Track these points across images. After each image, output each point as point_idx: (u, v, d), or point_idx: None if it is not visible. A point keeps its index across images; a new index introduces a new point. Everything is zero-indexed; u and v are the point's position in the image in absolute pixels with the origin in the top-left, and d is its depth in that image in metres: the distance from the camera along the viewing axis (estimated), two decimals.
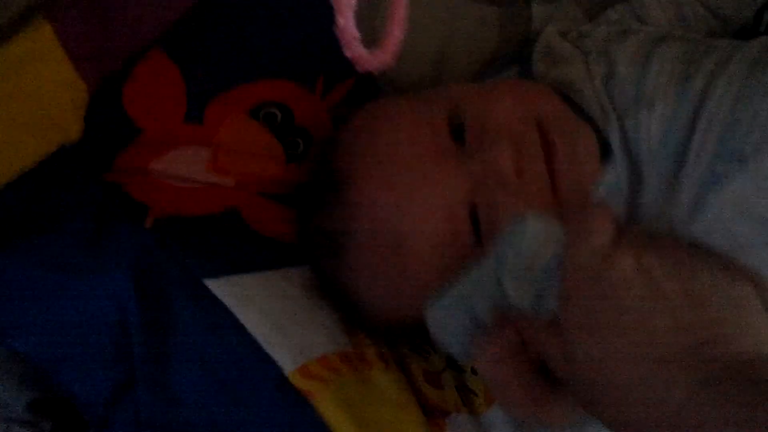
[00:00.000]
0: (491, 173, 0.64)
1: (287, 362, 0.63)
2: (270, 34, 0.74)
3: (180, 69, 0.72)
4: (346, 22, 0.39)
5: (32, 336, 0.63)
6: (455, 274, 0.60)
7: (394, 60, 0.42)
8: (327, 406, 0.62)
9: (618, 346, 0.45)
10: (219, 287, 0.66)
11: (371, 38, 0.44)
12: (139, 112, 0.72)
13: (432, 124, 0.66)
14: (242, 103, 0.74)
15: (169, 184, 0.72)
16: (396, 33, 0.44)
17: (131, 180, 0.71)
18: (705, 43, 0.69)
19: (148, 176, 0.72)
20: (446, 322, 0.55)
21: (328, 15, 0.73)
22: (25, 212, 0.67)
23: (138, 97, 0.72)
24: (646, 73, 0.67)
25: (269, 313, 0.67)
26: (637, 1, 0.79)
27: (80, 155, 0.70)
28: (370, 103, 0.73)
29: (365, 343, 0.70)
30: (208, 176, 0.73)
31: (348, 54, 0.40)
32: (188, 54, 0.72)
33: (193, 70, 0.72)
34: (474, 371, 0.71)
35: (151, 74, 0.72)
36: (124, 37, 0.71)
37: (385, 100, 0.74)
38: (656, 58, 0.68)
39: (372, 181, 0.66)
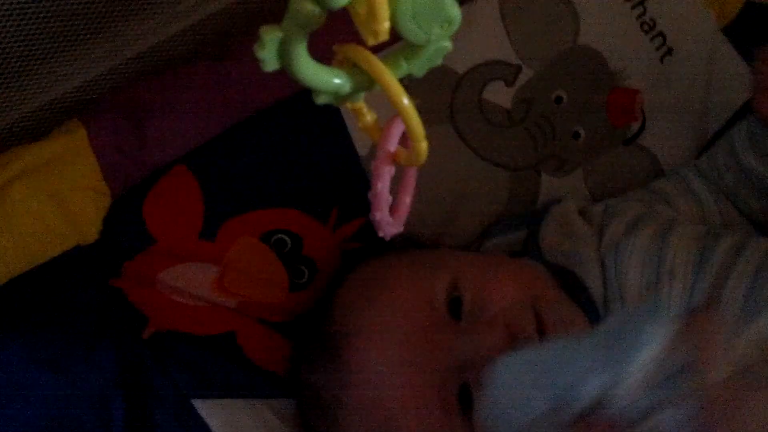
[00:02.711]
0: (484, 355, 0.65)
1: None
2: (290, 164, 0.77)
3: (201, 187, 0.75)
4: (383, 187, 0.42)
5: (15, 430, 0.63)
6: None
7: (403, 227, 0.45)
8: None
9: None
10: (206, 408, 0.68)
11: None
12: (156, 222, 0.74)
13: (430, 297, 0.68)
14: (255, 227, 0.77)
15: (172, 299, 0.73)
16: (407, 202, 0.46)
17: (136, 288, 0.73)
18: (718, 228, 0.73)
19: (154, 287, 0.74)
20: (514, 394, 0.48)
21: (348, 155, 0.77)
22: (30, 306, 0.68)
23: (157, 208, 0.74)
24: (665, 255, 0.70)
25: None
26: (659, 190, 0.83)
27: (93, 257, 0.72)
28: (377, 261, 0.75)
29: None
30: (211, 295, 0.75)
31: (377, 217, 0.43)
32: (211, 174, 0.76)
33: (214, 190, 0.75)
34: None
35: (172, 188, 0.75)
36: (153, 150, 0.74)
37: (389, 257, 0.76)
38: (672, 242, 0.71)
39: (366, 349, 0.67)
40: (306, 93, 0.76)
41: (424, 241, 0.81)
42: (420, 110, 0.73)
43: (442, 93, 0.81)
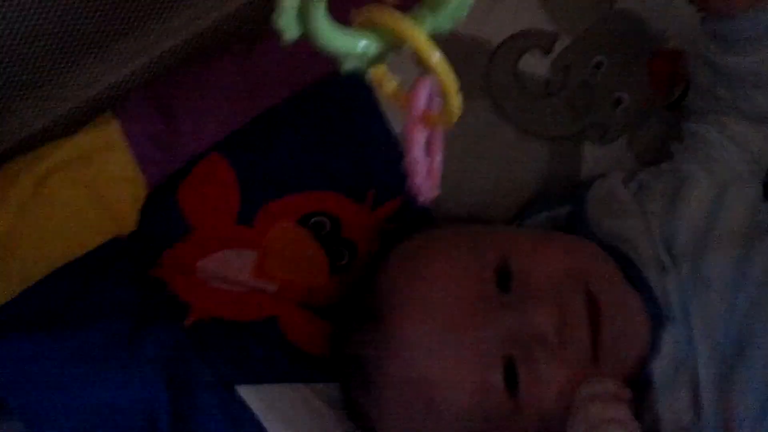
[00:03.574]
0: (530, 331, 0.63)
1: None
2: (326, 147, 0.77)
3: (236, 173, 0.74)
4: (418, 153, 0.41)
5: (61, 428, 0.63)
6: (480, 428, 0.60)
7: (439, 190, 0.43)
8: None
9: None
10: (250, 394, 0.67)
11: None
12: (193, 210, 0.74)
13: (479, 269, 0.66)
14: (293, 210, 0.76)
15: (212, 286, 0.73)
16: (438, 164, 0.44)
17: (176, 278, 0.73)
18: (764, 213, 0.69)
19: (193, 275, 0.73)
20: None
21: (382, 134, 0.76)
22: (69, 299, 0.68)
23: (193, 196, 0.74)
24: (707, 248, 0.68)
25: (297, 426, 0.67)
26: (697, 140, 0.77)
27: (130, 248, 0.71)
28: (421, 234, 0.73)
29: None
30: (252, 280, 0.74)
31: (415, 183, 0.42)
32: (245, 160, 0.75)
33: (249, 175, 0.75)
34: None
35: (208, 175, 0.74)
36: (186, 139, 0.74)
37: (437, 233, 0.74)
38: (722, 215, 0.68)
39: (410, 316, 0.66)
40: (337, 74, 0.76)
41: (464, 219, 0.79)
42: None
43: (477, 66, 0.79)
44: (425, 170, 0.42)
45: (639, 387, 0.64)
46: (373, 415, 0.69)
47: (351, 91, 0.76)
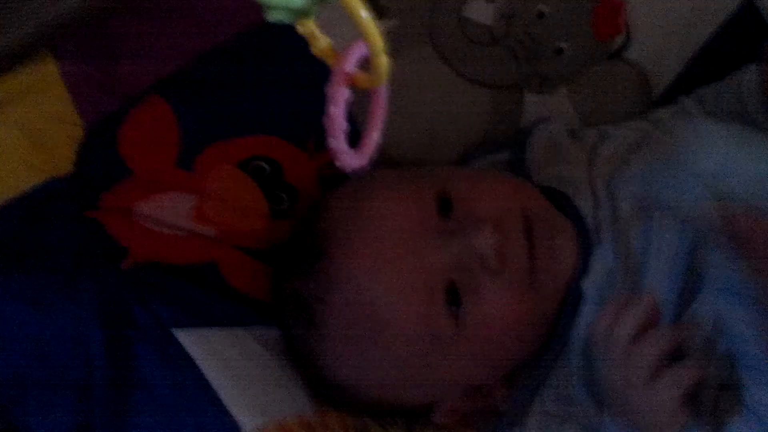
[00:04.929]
0: (473, 254, 0.65)
1: (247, 422, 0.64)
2: (267, 91, 0.76)
3: (176, 116, 0.74)
4: (337, 111, 0.40)
5: None
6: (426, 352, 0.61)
7: (368, 163, 0.42)
8: None
9: None
10: (188, 338, 0.67)
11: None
12: (132, 153, 0.73)
13: (419, 198, 0.68)
14: (233, 154, 0.75)
15: (151, 229, 0.73)
16: (373, 136, 0.42)
17: (114, 220, 0.72)
18: None
19: (131, 217, 0.73)
20: None
21: (324, 82, 0.75)
22: (7, 241, 0.67)
23: (132, 138, 0.73)
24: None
25: (235, 370, 0.67)
26: (656, 119, 0.80)
27: (68, 190, 0.71)
28: (360, 177, 0.74)
29: (327, 409, 0.71)
30: (191, 224, 0.74)
31: (332, 145, 0.40)
32: (186, 102, 0.74)
33: (189, 119, 0.74)
34: None
35: (147, 118, 0.73)
36: (125, 80, 0.73)
37: (376, 171, 0.75)
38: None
39: (353, 249, 0.67)
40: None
41: (405, 164, 0.80)
42: (398, 32, 0.71)
43: (421, 13, 0.78)
44: (343, 134, 0.40)
45: (572, 303, 0.67)
46: (316, 353, 0.69)
47: (294, 34, 0.75)
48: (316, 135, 0.77)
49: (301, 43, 0.73)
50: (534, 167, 0.77)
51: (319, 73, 0.74)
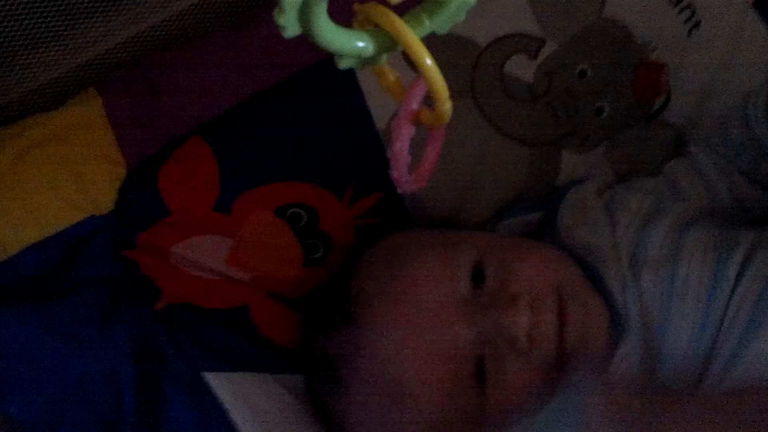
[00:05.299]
0: (503, 333, 0.64)
1: None
2: (307, 139, 0.76)
3: (217, 158, 0.74)
4: (402, 147, 0.42)
5: (28, 403, 0.63)
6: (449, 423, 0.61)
7: (426, 184, 0.45)
8: None
9: None
10: (216, 381, 0.67)
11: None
12: (171, 194, 0.73)
13: (454, 268, 0.67)
14: (271, 200, 0.76)
15: (185, 271, 0.73)
16: (432, 160, 0.46)
17: (150, 260, 0.72)
18: (730, 235, 0.70)
19: (167, 258, 0.73)
20: None
21: (365, 128, 0.76)
22: (43, 276, 0.68)
23: (173, 179, 0.73)
24: (676, 270, 0.68)
25: (261, 415, 0.67)
26: (670, 174, 0.80)
27: (107, 228, 0.71)
28: (396, 235, 0.74)
29: None
30: (225, 268, 0.74)
31: (395, 175, 0.43)
32: (227, 146, 0.75)
33: (230, 162, 0.74)
34: None
35: (189, 159, 0.74)
36: (168, 121, 0.74)
37: (412, 231, 0.75)
38: (686, 251, 0.68)
39: (383, 316, 0.67)
40: (324, 64, 0.76)
41: (440, 217, 0.79)
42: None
43: (463, 66, 0.79)
44: (406, 166, 0.42)
45: None
46: (339, 412, 0.69)
47: (336, 83, 0.76)
48: (355, 184, 0.77)
49: (342, 91, 0.75)
50: (564, 231, 0.77)
51: (358, 122, 0.76)
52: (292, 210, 0.76)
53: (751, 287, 0.64)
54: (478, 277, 0.67)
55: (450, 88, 0.81)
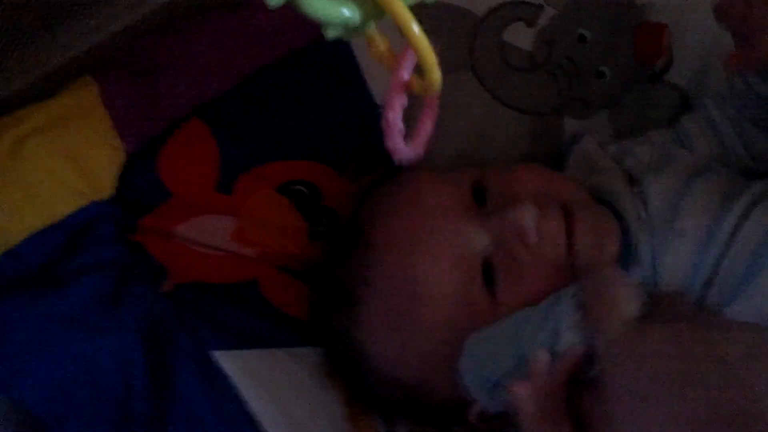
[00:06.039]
0: (512, 229, 0.64)
1: None
2: (308, 116, 0.76)
3: (217, 139, 0.74)
4: (395, 116, 0.42)
5: (38, 389, 0.63)
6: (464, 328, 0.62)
7: (423, 153, 0.46)
8: None
9: (654, 415, 0.47)
10: (226, 359, 0.67)
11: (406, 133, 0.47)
12: (172, 176, 0.73)
13: (456, 187, 0.68)
14: (273, 178, 0.75)
15: (192, 249, 0.73)
16: (428, 128, 0.46)
17: (154, 242, 0.72)
18: (739, 183, 0.69)
19: (171, 239, 0.73)
20: (486, 357, 0.59)
21: (365, 104, 0.76)
22: (48, 264, 0.68)
23: (173, 161, 0.73)
24: (680, 208, 0.67)
25: (272, 391, 0.67)
26: (681, 128, 0.79)
27: (109, 213, 0.71)
28: (395, 179, 0.74)
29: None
30: (231, 245, 0.74)
31: (389, 145, 0.43)
32: (226, 126, 0.74)
33: (229, 142, 0.74)
34: None
35: (188, 141, 0.74)
36: (166, 104, 0.73)
37: (410, 174, 0.75)
38: (691, 196, 0.68)
39: (392, 225, 0.68)
40: (321, 42, 0.75)
41: None
42: (438, 56, 0.72)
43: (461, 37, 0.78)
44: (400, 136, 0.42)
45: None
46: (358, 338, 0.68)
47: (334, 59, 0.75)
48: (356, 162, 0.77)
49: (340, 67, 0.75)
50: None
51: (356, 97, 0.76)
52: (294, 187, 0.76)
53: (751, 236, 0.63)
54: (479, 195, 0.68)
55: (449, 60, 0.81)
